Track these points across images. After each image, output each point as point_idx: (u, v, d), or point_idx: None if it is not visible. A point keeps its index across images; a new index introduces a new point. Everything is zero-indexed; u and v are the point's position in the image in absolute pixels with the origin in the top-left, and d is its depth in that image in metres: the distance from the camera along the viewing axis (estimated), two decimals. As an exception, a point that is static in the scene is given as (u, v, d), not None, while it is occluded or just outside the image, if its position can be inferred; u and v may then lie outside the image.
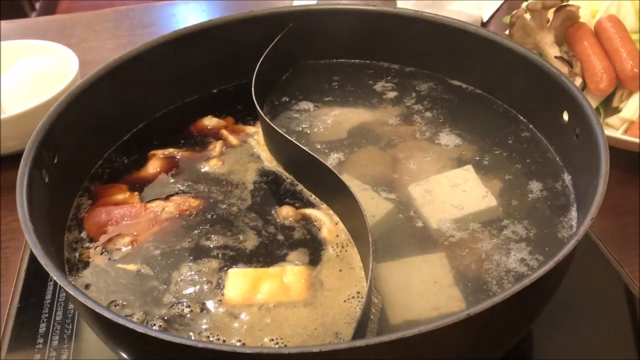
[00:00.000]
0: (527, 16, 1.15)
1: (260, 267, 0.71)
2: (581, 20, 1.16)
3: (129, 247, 0.74)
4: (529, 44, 1.15)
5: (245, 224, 0.76)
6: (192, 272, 0.71)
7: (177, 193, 0.82)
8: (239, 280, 0.68)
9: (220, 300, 0.67)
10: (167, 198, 0.81)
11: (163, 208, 0.79)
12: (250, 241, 0.74)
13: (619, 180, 1.01)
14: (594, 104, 1.09)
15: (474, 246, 0.72)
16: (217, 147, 0.88)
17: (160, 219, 0.78)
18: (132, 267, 0.71)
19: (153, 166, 0.86)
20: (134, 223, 0.77)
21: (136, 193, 0.82)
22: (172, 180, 0.84)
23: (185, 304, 0.67)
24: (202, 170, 0.85)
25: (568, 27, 1.15)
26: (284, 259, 0.71)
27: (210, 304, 0.67)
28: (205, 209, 0.79)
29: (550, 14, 1.16)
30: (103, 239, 0.75)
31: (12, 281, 0.86)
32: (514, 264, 0.70)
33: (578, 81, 1.10)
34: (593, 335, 0.77)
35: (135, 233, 0.75)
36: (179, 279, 0.70)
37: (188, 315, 0.66)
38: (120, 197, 0.81)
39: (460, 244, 0.72)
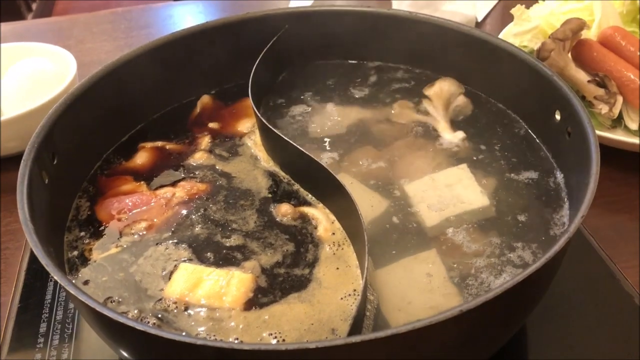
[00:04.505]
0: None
1: (228, 265, 0.72)
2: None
3: (144, 233, 0.76)
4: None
5: (236, 220, 0.78)
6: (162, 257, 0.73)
7: (183, 179, 0.84)
8: (184, 276, 0.70)
9: (161, 290, 0.69)
10: (174, 184, 0.83)
11: (173, 193, 0.81)
12: (242, 235, 0.76)
13: (613, 178, 1.02)
14: (637, 119, 1.05)
15: (468, 244, 0.73)
16: (204, 141, 0.91)
17: (172, 204, 0.80)
18: (113, 250, 0.74)
19: (141, 158, 0.88)
20: (147, 210, 0.79)
21: (143, 182, 0.84)
22: (169, 171, 0.86)
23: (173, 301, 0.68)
24: (189, 163, 0.88)
25: (574, 47, 1.10)
26: (240, 264, 0.72)
27: (153, 292, 0.69)
28: (211, 193, 0.82)
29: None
30: (118, 226, 0.77)
31: (12, 281, 0.87)
32: (507, 261, 0.71)
33: (620, 100, 1.05)
34: (586, 331, 0.78)
35: (154, 219, 0.78)
36: (148, 257, 0.73)
37: (178, 312, 0.67)
38: (128, 187, 0.83)
39: (455, 242, 0.74)
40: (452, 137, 0.87)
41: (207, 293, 0.68)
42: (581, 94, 1.09)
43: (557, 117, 0.80)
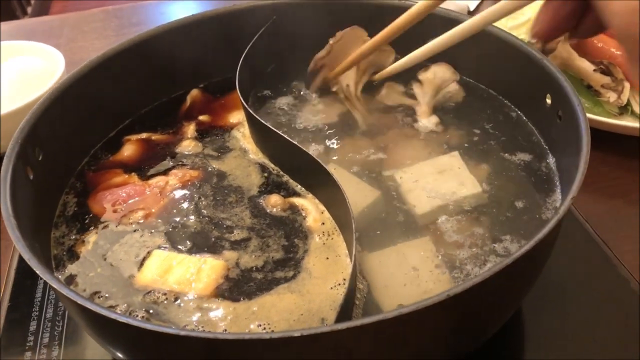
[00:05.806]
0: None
1: (212, 253, 0.71)
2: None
3: (141, 222, 0.76)
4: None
5: (228, 215, 0.77)
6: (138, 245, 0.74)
7: (174, 167, 0.84)
8: (156, 263, 0.69)
9: (133, 276, 0.69)
10: (165, 172, 0.83)
11: (166, 182, 0.81)
12: (236, 229, 0.74)
13: (608, 162, 1.01)
14: None
15: (460, 231, 0.72)
16: (189, 129, 0.91)
17: (166, 192, 0.80)
18: (93, 237, 0.74)
19: (128, 150, 0.87)
20: (142, 199, 0.79)
21: (133, 173, 0.83)
22: (158, 161, 0.86)
23: (163, 292, 0.67)
24: (178, 151, 0.87)
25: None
26: (222, 252, 0.71)
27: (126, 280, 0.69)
28: (203, 180, 0.82)
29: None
30: (115, 217, 0.77)
31: (2, 280, 0.86)
32: (499, 247, 0.70)
33: (627, 86, 1.04)
34: (583, 317, 0.77)
35: (151, 208, 0.77)
36: (128, 244, 0.73)
37: (168, 304, 0.66)
38: (119, 179, 0.83)
39: (446, 230, 0.73)
40: (426, 122, 0.88)
41: (177, 279, 0.67)
42: (587, 83, 1.07)
43: (548, 100, 0.79)
